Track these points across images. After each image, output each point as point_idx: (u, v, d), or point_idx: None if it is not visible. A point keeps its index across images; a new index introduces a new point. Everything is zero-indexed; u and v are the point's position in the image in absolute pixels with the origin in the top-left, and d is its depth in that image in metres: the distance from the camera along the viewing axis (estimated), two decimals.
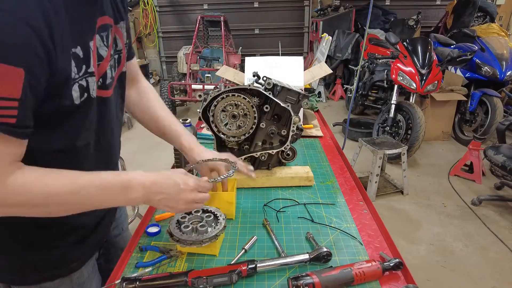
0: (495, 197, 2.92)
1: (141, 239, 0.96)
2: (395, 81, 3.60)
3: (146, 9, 6.72)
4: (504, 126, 2.85)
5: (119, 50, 0.82)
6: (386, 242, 0.94)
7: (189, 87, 4.56)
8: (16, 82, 0.53)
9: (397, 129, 3.61)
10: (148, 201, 0.74)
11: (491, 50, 3.96)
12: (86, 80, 0.67)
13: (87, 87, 0.67)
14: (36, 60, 0.55)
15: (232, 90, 1.08)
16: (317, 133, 1.70)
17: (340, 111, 5.37)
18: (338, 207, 1.10)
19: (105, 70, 0.74)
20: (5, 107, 0.54)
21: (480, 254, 2.31)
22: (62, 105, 0.63)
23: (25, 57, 0.54)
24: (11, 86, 0.53)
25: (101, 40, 0.71)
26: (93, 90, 0.70)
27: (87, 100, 0.69)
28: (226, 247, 0.92)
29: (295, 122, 1.12)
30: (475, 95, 3.87)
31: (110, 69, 0.77)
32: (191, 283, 0.76)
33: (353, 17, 6.00)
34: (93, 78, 0.69)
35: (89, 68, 0.67)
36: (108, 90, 0.77)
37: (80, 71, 0.64)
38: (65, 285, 0.83)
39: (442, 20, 5.91)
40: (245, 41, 6.86)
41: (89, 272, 0.89)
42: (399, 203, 2.92)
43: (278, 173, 1.22)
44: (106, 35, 0.72)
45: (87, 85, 0.67)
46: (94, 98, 0.71)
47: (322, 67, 1.76)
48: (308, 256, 0.83)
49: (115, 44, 0.79)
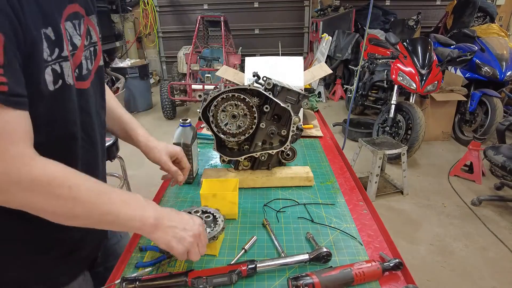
0: (495, 198, 2.92)
1: (141, 239, 0.96)
2: (395, 81, 3.60)
3: (146, 9, 6.73)
4: (504, 126, 2.85)
5: (94, 43, 0.80)
6: (386, 242, 0.94)
7: (189, 87, 4.56)
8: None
9: (397, 129, 3.61)
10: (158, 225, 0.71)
11: (491, 50, 3.96)
12: (60, 65, 0.65)
13: (61, 73, 0.66)
14: (11, 27, 0.54)
15: (232, 90, 1.08)
16: (317, 133, 1.70)
17: (340, 111, 5.37)
18: (338, 207, 1.10)
19: (80, 60, 0.73)
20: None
21: (480, 254, 2.31)
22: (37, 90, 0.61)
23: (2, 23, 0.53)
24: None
25: (73, 27, 0.69)
26: (68, 76, 0.68)
27: (63, 87, 0.67)
28: (226, 247, 0.92)
29: (295, 122, 1.12)
30: (475, 95, 3.87)
31: (86, 60, 0.75)
32: (191, 283, 0.75)
33: (353, 17, 6.00)
34: (67, 63, 0.67)
35: (62, 52, 0.65)
36: (85, 81, 0.76)
37: (52, 53, 0.63)
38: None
39: (442, 20, 5.91)
40: (245, 41, 6.86)
41: (80, 284, 0.86)
42: (399, 203, 2.92)
43: (278, 173, 1.22)
44: (78, 23, 0.71)
45: (61, 70, 0.66)
46: (71, 85, 0.69)
47: (322, 67, 1.76)
48: (308, 256, 0.83)
49: (89, 36, 0.78)
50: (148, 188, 3.00)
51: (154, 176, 1.32)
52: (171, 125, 4.81)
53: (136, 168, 3.30)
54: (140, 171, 3.31)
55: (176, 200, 1.15)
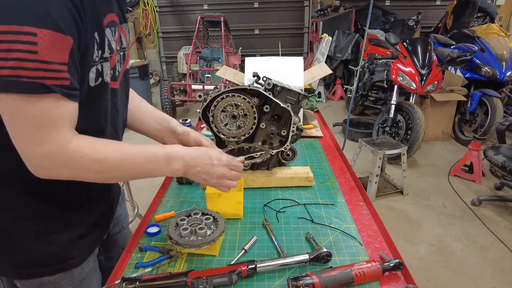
0: (495, 198, 2.92)
1: (141, 239, 0.96)
2: (395, 82, 3.60)
3: (146, 9, 6.73)
4: (504, 126, 2.85)
5: (124, 48, 0.87)
6: (386, 243, 0.94)
7: (189, 87, 4.56)
8: (65, 48, 0.61)
9: (397, 130, 3.61)
10: (187, 172, 0.83)
11: (491, 50, 3.96)
12: (102, 65, 0.73)
13: (102, 72, 0.73)
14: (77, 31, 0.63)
15: (232, 91, 1.08)
16: (317, 134, 1.70)
17: (340, 112, 5.37)
18: (338, 208, 1.10)
19: (115, 62, 0.81)
20: (59, 70, 0.61)
21: (480, 254, 2.31)
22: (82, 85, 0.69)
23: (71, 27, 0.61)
24: (62, 52, 0.60)
25: (111, 33, 0.76)
26: (107, 75, 0.75)
27: (101, 84, 0.74)
28: (226, 247, 0.92)
29: (295, 123, 1.12)
30: (475, 95, 3.87)
31: (118, 63, 0.83)
32: (191, 284, 0.76)
33: (353, 17, 6.00)
34: (107, 64, 0.75)
35: (104, 54, 0.73)
36: (116, 81, 0.83)
37: (98, 55, 0.71)
38: (66, 280, 0.84)
39: (442, 20, 5.91)
40: (245, 42, 6.86)
41: (90, 268, 0.90)
42: (399, 204, 2.92)
43: (278, 174, 1.22)
44: (114, 30, 0.78)
45: (102, 70, 0.73)
46: (107, 83, 0.76)
47: (322, 68, 1.76)
48: (308, 256, 0.83)
49: (121, 42, 0.85)
50: (148, 189, 3.00)
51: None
52: None
53: None
54: None
55: (176, 200, 1.15)
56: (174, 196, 1.17)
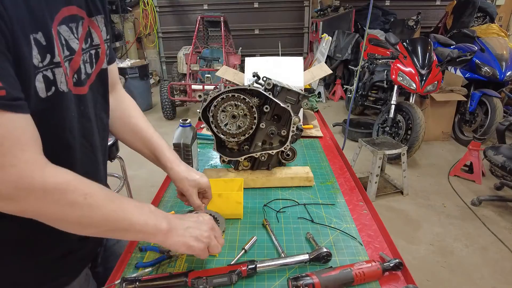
0: (495, 198, 2.92)
1: None
2: (395, 82, 3.60)
3: (146, 9, 6.73)
4: (504, 126, 2.85)
5: (96, 45, 0.77)
6: (386, 243, 0.94)
7: (189, 87, 4.56)
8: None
9: (397, 130, 3.61)
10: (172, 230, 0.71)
11: (490, 50, 3.96)
12: (52, 71, 0.63)
13: (54, 80, 0.63)
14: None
15: (232, 91, 1.08)
16: (317, 134, 1.70)
17: (340, 112, 5.37)
18: (338, 208, 1.10)
19: (79, 65, 0.71)
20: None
21: (480, 254, 2.31)
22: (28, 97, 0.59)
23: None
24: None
25: (70, 31, 0.67)
26: (61, 83, 0.65)
27: (56, 94, 0.64)
28: (226, 247, 0.92)
29: (295, 123, 1.13)
30: (475, 95, 3.87)
31: (84, 64, 0.73)
32: (191, 284, 0.75)
33: (353, 17, 6.01)
34: (59, 70, 0.64)
35: (54, 58, 0.63)
36: (84, 86, 0.74)
37: (44, 59, 0.61)
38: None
39: (442, 20, 5.91)
40: (245, 42, 6.86)
41: (81, 283, 0.86)
42: (399, 204, 2.92)
43: (278, 174, 1.22)
44: (75, 26, 0.69)
45: (54, 77, 0.63)
46: (65, 92, 0.66)
47: (322, 68, 1.76)
48: (308, 256, 0.83)
49: (90, 38, 0.75)
50: (148, 189, 3.00)
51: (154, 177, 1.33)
52: (171, 125, 4.81)
53: (136, 169, 3.30)
54: (140, 172, 3.30)
55: (176, 200, 1.15)
56: (174, 196, 1.17)
